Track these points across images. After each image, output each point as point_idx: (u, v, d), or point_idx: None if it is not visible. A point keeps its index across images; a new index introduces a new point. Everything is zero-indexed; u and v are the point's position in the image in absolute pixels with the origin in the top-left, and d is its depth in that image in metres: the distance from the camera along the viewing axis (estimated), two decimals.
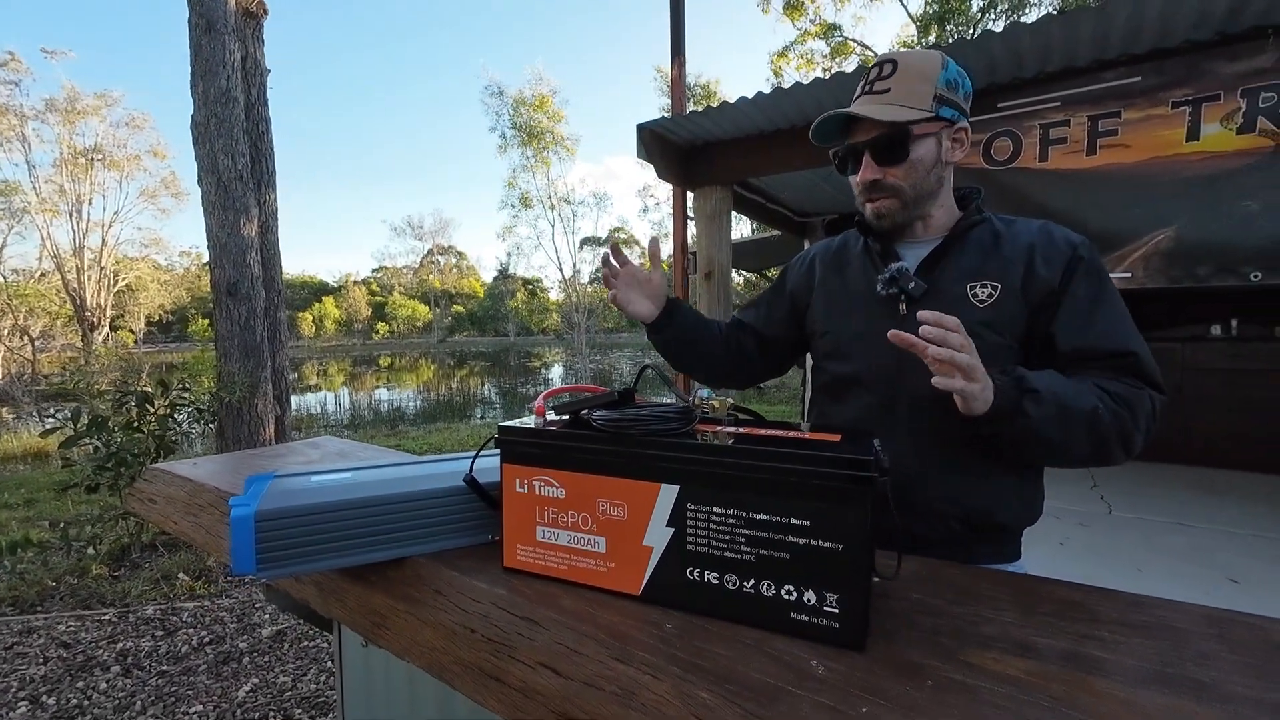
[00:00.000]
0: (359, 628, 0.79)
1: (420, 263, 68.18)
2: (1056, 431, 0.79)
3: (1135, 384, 0.83)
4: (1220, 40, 2.00)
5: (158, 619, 2.73)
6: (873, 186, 0.94)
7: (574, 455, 0.70)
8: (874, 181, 0.93)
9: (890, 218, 0.96)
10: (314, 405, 14.88)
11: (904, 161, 0.91)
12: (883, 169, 0.92)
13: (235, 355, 4.36)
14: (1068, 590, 0.69)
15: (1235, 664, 0.53)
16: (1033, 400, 0.78)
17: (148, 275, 25.53)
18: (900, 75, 0.90)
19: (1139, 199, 2.10)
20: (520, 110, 15.32)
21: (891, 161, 0.91)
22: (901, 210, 0.95)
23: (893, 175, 0.92)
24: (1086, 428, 0.79)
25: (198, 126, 4.34)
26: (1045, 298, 0.88)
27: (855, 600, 0.56)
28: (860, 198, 0.98)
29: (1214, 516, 3.51)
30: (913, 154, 0.91)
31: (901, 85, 0.90)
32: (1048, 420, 0.78)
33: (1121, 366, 0.84)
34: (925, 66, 0.90)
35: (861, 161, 0.93)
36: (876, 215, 0.96)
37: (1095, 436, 0.80)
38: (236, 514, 0.72)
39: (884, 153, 0.91)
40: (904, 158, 0.91)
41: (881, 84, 0.91)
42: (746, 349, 1.17)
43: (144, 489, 1.27)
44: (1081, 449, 0.81)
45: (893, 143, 0.90)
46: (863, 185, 0.95)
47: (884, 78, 0.91)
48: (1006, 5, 13.50)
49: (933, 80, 0.89)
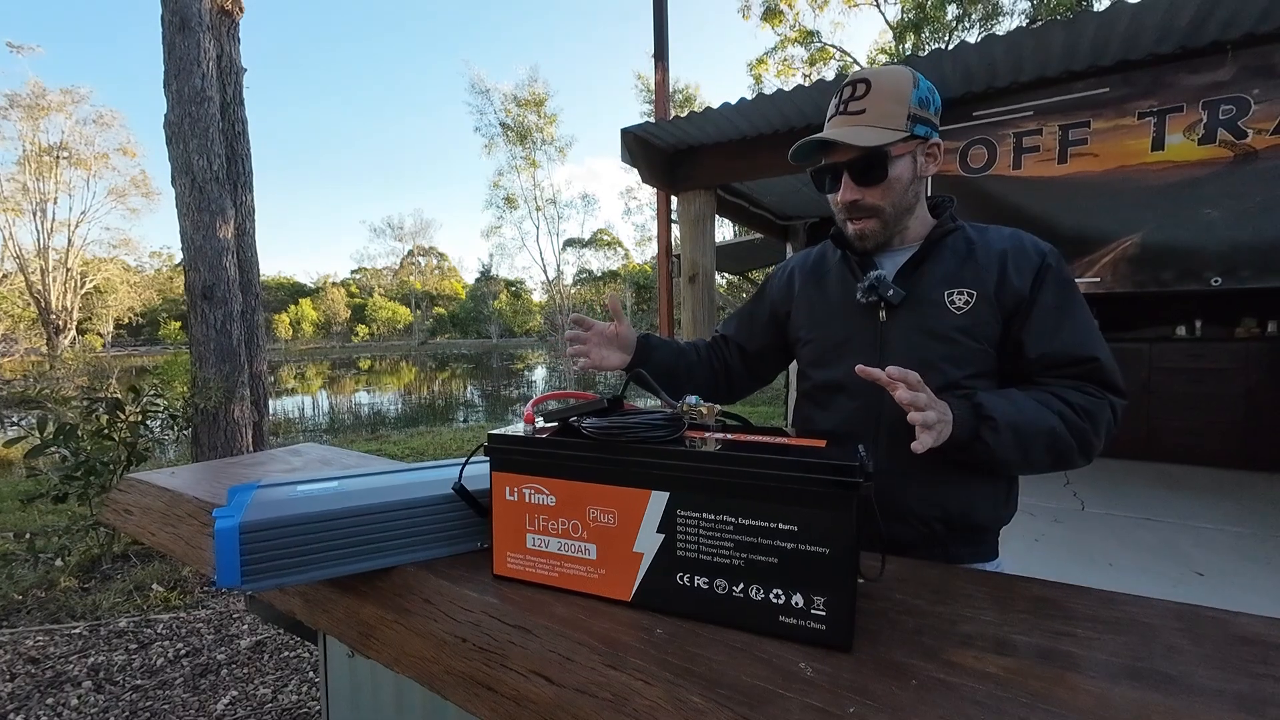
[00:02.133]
0: (347, 639, 0.78)
1: (401, 264, 67.33)
2: (1014, 453, 0.84)
3: (1097, 392, 0.87)
4: (1182, 54, 2.09)
5: (131, 631, 2.65)
6: (853, 207, 0.95)
7: (564, 463, 0.70)
8: (854, 202, 0.95)
9: (872, 238, 0.98)
10: (292, 410, 14.57)
11: (882, 182, 0.93)
12: (861, 189, 0.94)
13: (211, 360, 4.26)
14: (1042, 588, 0.71)
15: (1200, 656, 0.56)
16: (989, 428, 0.83)
17: (117, 277, 24.81)
18: (874, 96, 0.91)
19: (1107, 206, 2.18)
20: (510, 109, 15.22)
21: (870, 182, 0.93)
22: (882, 230, 0.97)
23: (871, 195, 0.94)
24: (1046, 445, 0.85)
25: (171, 126, 4.24)
26: (1016, 305, 0.91)
27: (841, 602, 0.58)
28: (840, 216, 1.00)
29: (1180, 511, 3.63)
30: (891, 174, 0.93)
31: (875, 106, 0.91)
32: (1005, 445, 0.84)
33: (1084, 374, 0.88)
34: (898, 86, 0.92)
35: (841, 181, 0.95)
36: (859, 237, 0.98)
37: (1054, 451, 0.86)
38: (220, 525, 0.71)
39: (863, 174, 0.93)
40: (882, 178, 0.93)
41: (856, 104, 0.92)
42: (731, 364, 1.19)
43: (119, 500, 1.24)
44: (1042, 463, 0.87)
45: (871, 164, 0.92)
46: (843, 205, 0.97)
47: (858, 98, 0.92)
48: (980, 14, 13.83)
49: (905, 100, 0.91)
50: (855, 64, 16.62)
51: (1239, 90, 1.98)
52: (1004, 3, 13.63)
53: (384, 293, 65.17)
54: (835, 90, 0.97)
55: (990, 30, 13.82)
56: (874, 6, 16.08)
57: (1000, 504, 0.97)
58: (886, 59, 15.71)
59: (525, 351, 41.23)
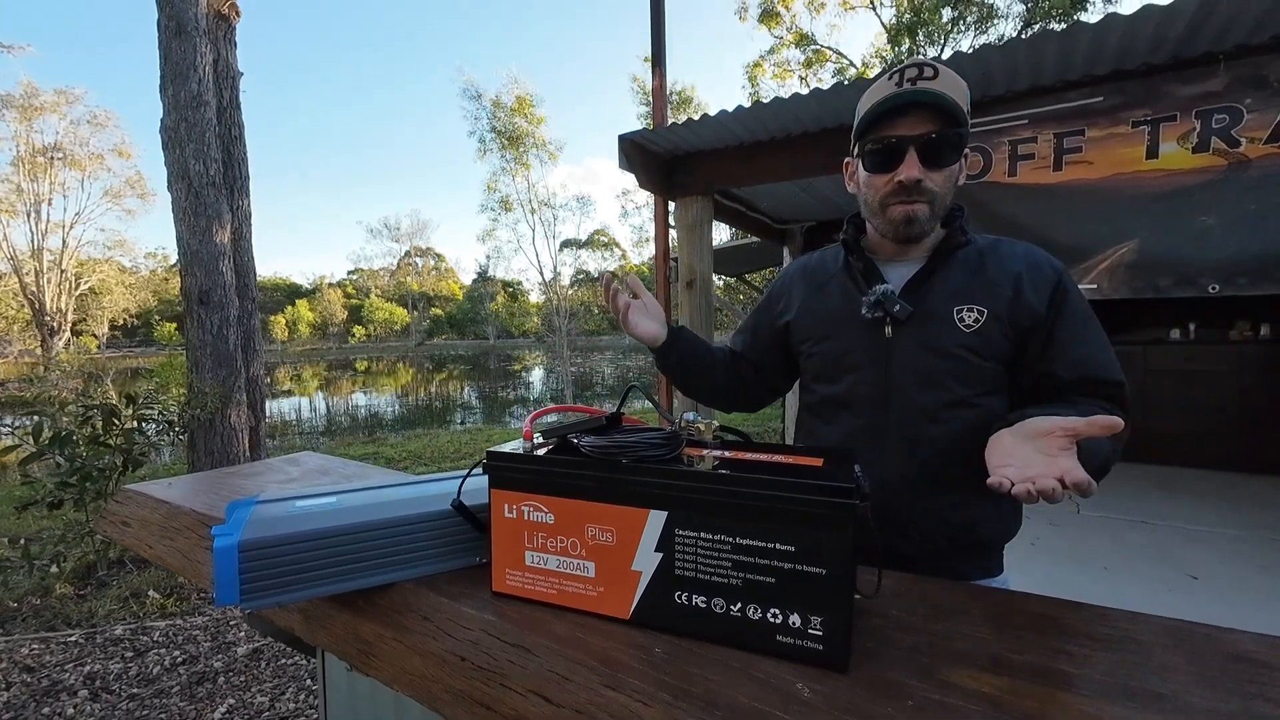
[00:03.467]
0: (346, 656, 0.79)
1: (398, 265, 67.25)
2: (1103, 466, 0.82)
3: (1122, 415, 0.85)
4: (1176, 64, 2.11)
5: (127, 639, 2.64)
6: (913, 188, 0.87)
7: (562, 481, 0.70)
8: (917, 182, 0.87)
9: (921, 225, 0.90)
10: (288, 412, 14.55)
11: (949, 166, 0.88)
12: (926, 170, 0.87)
13: (207, 365, 4.25)
14: (1038, 604, 0.72)
15: (1193, 675, 0.56)
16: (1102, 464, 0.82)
17: (112, 278, 24.70)
18: (944, 79, 0.85)
19: (1103, 214, 2.19)
20: (499, 114, 15.20)
21: (938, 164, 0.87)
22: (931, 219, 0.91)
23: (933, 180, 0.87)
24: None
25: (168, 131, 4.23)
26: (1033, 323, 0.88)
27: (838, 622, 0.58)
28: (888, 200, 0.91)
29: (1173, 514, 3.66)
30: (955, 162, 0.88)
31: (949, 87, 0.84)
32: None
33: (1112, 396, 0.87)
34: (960, 82, 0.87)
35: (905, 157, 0.87)
36: (908, 220, 0.90)
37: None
38: (219, 544, 0.71)
39: (935, 151, 0.86)
40: (952, 161, 0.88)
41: (928, 84, 0.84)
42: (745, 376, 1.17)
43: (116, 512, 1.23)
44: None
45: (946, 142, 0.86)
46: (898, 185, 0.88)
47: (927, 78, 0.85)
48: (975, 17, 13.89)
49: (966, 98, 0.87)
50: (851, 66, 16.66)
51: (1232, 100, 2.00)
52: (999, 6, 13.70)
53: (381, 294, 65.07)
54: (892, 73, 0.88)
55: (984, 32, 13.93)
56: (870, 9, 16.14)
57: (1005, 519, 0.96)
58: (883, 63, 15.75)
59: (523, 352, 41.21)
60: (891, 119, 0.88)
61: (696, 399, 1.22)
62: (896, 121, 0.87)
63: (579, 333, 23.70)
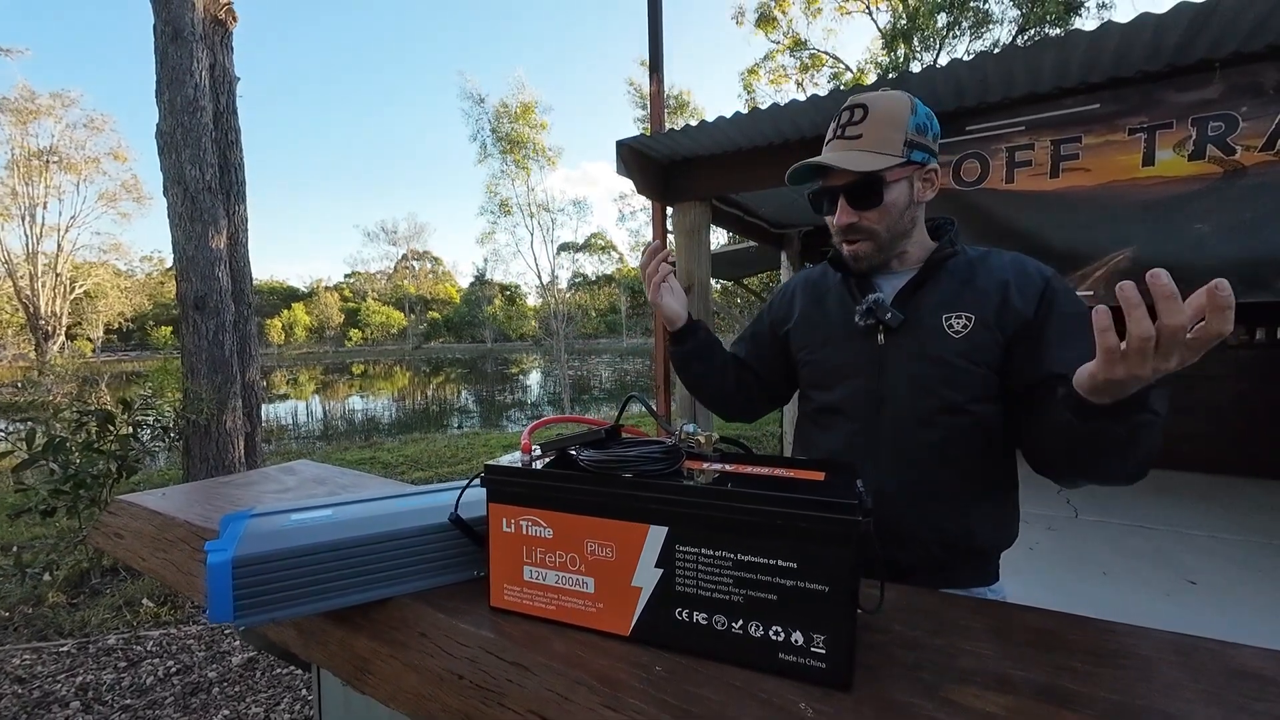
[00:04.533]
0: (342, 673, 0.77)
1: (395, 268, 67.23)
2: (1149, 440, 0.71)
3: None
4: (1171, 72, 2.12)
5: (120, 649, 2.61)
6: (849, 229, 0.97)
7: (561, 496, 0.70)
8: (850, 225, 0.96)
9: (867, 260, 0.99)
10: (285, 416, 14.49)
11: (877, 206, 0.94)
12: (858, 213, 0.95)
13: (203, 371, 4.22)
14: (1040, 618, 0.71)
15: (1198, 693, 0.56)
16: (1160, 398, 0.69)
17: (107, 282, 24.59)
18: (871, 121, 0.92)
19: (1099, 220, 2.20)
20: (502, 120, 15.20)
21: (866, 206, 0.94)
22: (877, 253, 0.98)
23: (867, 219, 0.95)
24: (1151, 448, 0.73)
25: (163, 136, 4.21)
26: (1020, 328, 0.90)
27: (841, 640, 0.57)
28: (837, 238, 1.01)
29: (1172, 519, 3.66)
30: (886, 199, 0.93)
31: (872, 131, 0.92)
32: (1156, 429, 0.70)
33: None
34: (895, 112, 0.92)
35: (837, 204, 0.96)
36: (854, 258, 1.00)
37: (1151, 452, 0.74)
38: (213, 560, 0.70)
39: (858, 198, 0.94)
40: (878, 203, 0.93)
41: (853, 129, 0.93)
42: (748, 382, 1.19)
43: (109, 523, 1.22)
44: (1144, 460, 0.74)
45: (867, 189, 0.93)
46: (839, 228, 0.98)
47: (855, 123, 0.93)
48: (970, 22, 13.98)
49: (903, 126, 0.92)
50: (848, 71, 16.74)
51: (1227, 108, 2.01)
52: (994, 11, 13.78)
53: (377, 297, 65.00)
54: (834, 114, 0.98)
55: (980, 37, 14.01)
56: (866, 14, 16.24)
57: (1001, 527, 0.97)
58: (877, 68, 15.83)
59: (520, 356, 41.16)
60: (822, 169, 0.96)
61: (703, 399, 1.22)
62: (828, 170, 0.96)
63: (576, 336, 23.69)
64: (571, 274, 29.16)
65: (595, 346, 45.66)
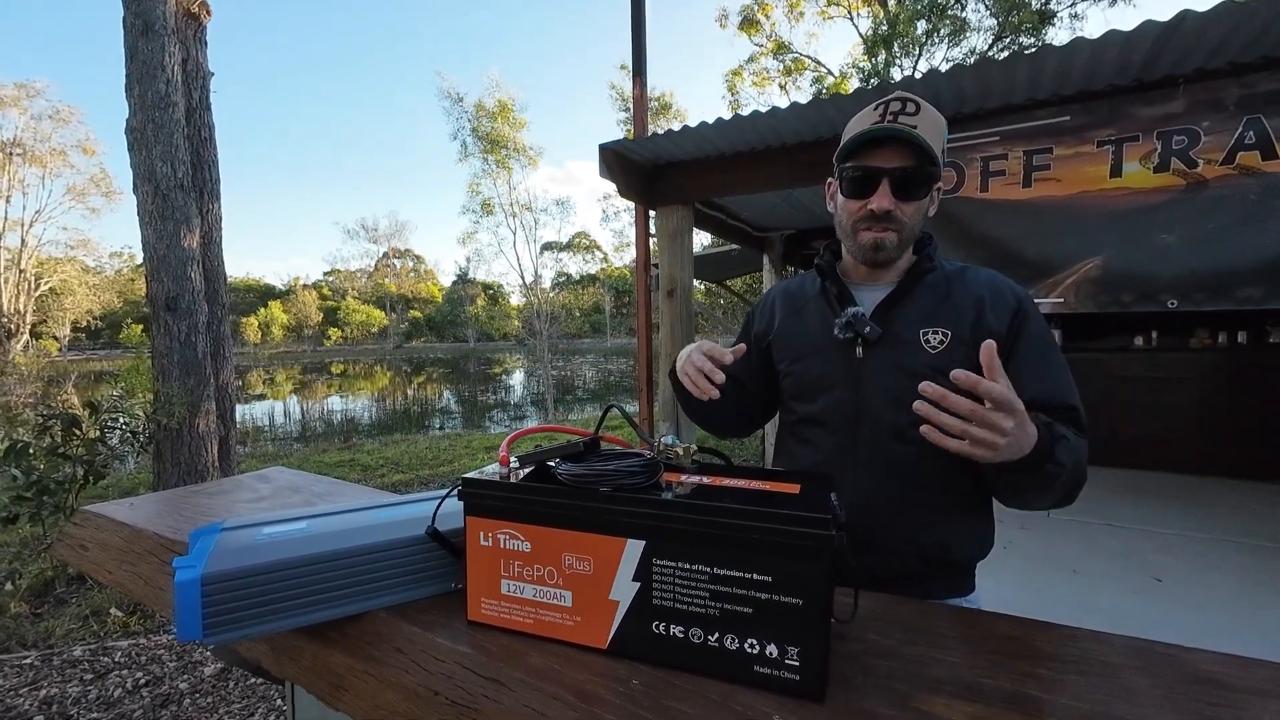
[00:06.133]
0: (316, 689, 0.76)
1: (375, 266, 66.26)
2: (1068, 476, 0.81)
3: (1080, 435, 0.88)
4: (1138, 86, 2.19)
5: (86, 660, 2.53)
6: (885, 216, 0.92)
7: (539, 509, 0.70)
8: (888, 211, 0.92)
9: (888, 251, 0.95)
10: (261, 416, 14.17)
11: (918, 199, 0.92)
12: (897, 201, 0.92)
13: (175, 373, 4.11)
14: (1008, 625, 0.73)
15: (1157, 698, 0.57)
16: (1064, 447, 0.79)
17: (74, 278, 23.85)
18: (924, 117, 0.90)
19: (1070, 229, 2.26)
20: (481, 120, 15.05)
21: (908, 196, 0.92)
22: (898, 247, 0.96)
23: (903, 210, 0.92)
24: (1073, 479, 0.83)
25: (134, 132, 4.09)
26: None
27: (815, 653, 0.58)
28: (859, 225, 0.96)
29: (1139, 517, 3.77)
30: (925, 196, 0.93)
31: (926, 127, 0.89)
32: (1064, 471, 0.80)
33: (1069, 418, 0.89)
34: (938, 119, 0.91)
35: (878, 187, 0.91)
36: (875, 246, 0.95)
37: (1074, 485, 0.85)
38: (181, 577, 0.68)
39: (906, 185, 0.91)
40: (922, 195, 0.92)
41: (908, 119, 0.89)
42: (747, 404, 1.17)
43: (74, 534, 1.18)
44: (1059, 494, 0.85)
45: (917, 178, 0.91)
46: (869, 213, 0.93)
47: (909, 114, 0.89)
48: (948, 30, 14.24)
49: (943, 133, 0.92)
50: (830, 75, 16.94)
51: (1190, 122, 2.08)
52: (971, 20, 14.08)
53: (358, 296, 64.00)
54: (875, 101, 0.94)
55: (957, 45, 14.29)
56: (847, 19, 16.45)
57: (977, 539, 0.98)
58: (859, 73, 16.04)
59: (503, 355, 40.86)
60: (869, 149, 0.92)
61: (708, 427, 1.19)
62: (873, 152, 0.92)
63: (560, 336, 23.58)
64: (555, 273, 29.04)
65: (579, 346, 45.53)
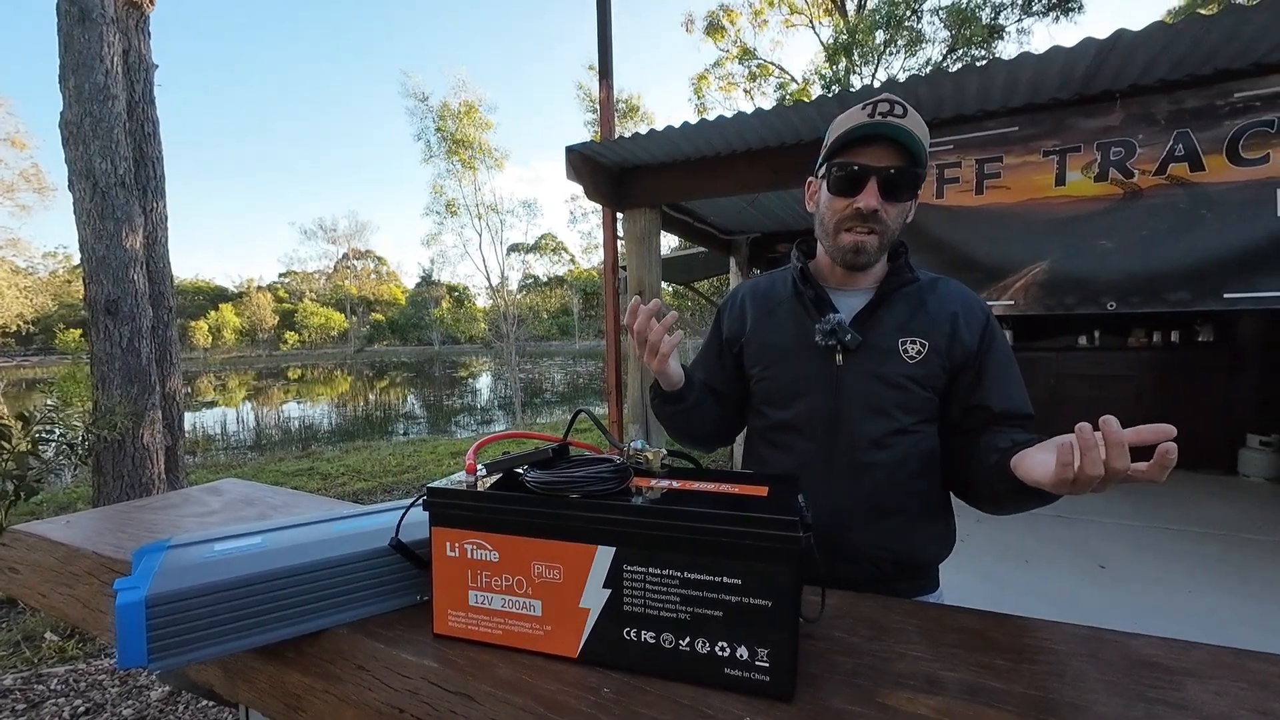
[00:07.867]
0: (271, 712, 0.73)
1: (335, 268, 64.17)
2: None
3: None
4: (1080, 100, 2.33)
5: (18, 690, 2.37)
6: (871, 216, 0.91)
7: (506, 518, 0.68)
8: (875, 211, 0.90)
9: (868, 255, 0.94)
10: (212, 424, 13.52)
11: (903, 202, 0.92)
12: (884, 202, 0.90)
13: (116, 381, 3.88)
14: (968, 619, 0.76)
15: (1104, 684, 0.61)
16: None
17: (3, 280, 22.29)
18: (911, 119, 0.88)
19: (1018, 236, 2.38)
20: (446, 120, 14.76)
21: (896, 197, 0.91)
22: (878, 251, 0.95)
23: (888, 212, 0.91)
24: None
25: (69, 126, 3.85)
26: (964, 359, 0.95)
27: (784, 653, 0.59)
28: (843, 225, 0.94)
29: (1085, 508, 3.97)
30: (909, 199, 0.93)
31: (914, 129, 0.88)
32: None
33: (1028, 426, 0.94)
34: (923, 125, 0.91)
35: (865, 186, 0.90)
36: (856, 249, 0.93)
37: None
38: (122, 600, 0.64)
39: (894, 185, 0.90)
40: (908, 197, 0.93)
41: (897, 120, 0.87)
42: (725, 413, 1.13)
43: (3, 556, 1.10)
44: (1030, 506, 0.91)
45: (905, 179, 0.90)
46: (855, 212, 0.92)
47: (898, 115, 0.88)
48: (905, 40, 14.76)
49: (927, 138, 0.91)
50: (794, 81, 17.30)
51: (1126, 134, 2.22)
52: (926, 31, 14.65)
53: (315, 298, 61.87)
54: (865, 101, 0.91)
55: (914, 54, 14.83)
56: (809, 28, 16.86)
57: (943, 541, 1.01)
58: (821, 79, 16.45)
59: (469, 358, 40.15)
60: (859, 147, 0.91)
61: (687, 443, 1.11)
62: (863, 150, 0.91)
63: (528, 338, 23.32)
64: (522, 275, 28.69)
65: (547, 349, 45.13)
